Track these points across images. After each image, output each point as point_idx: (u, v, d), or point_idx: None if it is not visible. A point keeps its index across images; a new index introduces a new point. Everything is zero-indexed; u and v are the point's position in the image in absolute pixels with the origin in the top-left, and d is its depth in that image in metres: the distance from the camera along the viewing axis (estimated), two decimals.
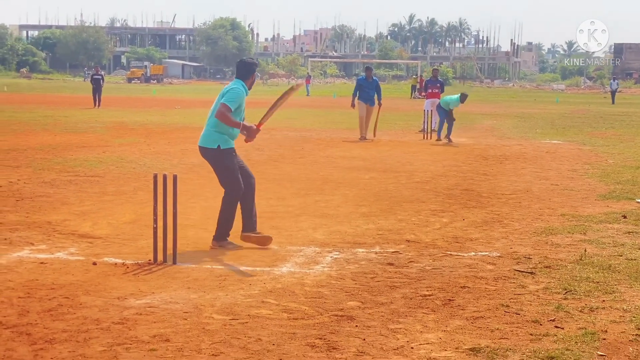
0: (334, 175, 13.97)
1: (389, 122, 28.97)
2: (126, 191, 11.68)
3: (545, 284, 6.83)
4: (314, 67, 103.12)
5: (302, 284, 6.75)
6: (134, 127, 23.98)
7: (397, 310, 6.03)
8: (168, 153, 16.86)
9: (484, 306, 6.16)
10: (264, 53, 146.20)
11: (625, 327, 5.69)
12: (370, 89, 22.29)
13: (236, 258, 7.70)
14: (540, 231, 9.21)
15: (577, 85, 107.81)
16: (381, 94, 22.48)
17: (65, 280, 6.72)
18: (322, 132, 24.34)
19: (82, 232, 8.67)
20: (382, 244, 8.48)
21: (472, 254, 8.02)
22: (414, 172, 14.58)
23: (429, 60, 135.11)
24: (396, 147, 19.70)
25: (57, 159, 15.28)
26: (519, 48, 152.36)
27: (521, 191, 12.42)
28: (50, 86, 73.11)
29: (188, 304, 6.08)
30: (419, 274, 7.17)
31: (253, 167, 14.58)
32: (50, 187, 11.79)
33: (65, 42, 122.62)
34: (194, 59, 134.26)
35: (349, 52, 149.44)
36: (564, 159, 17.43)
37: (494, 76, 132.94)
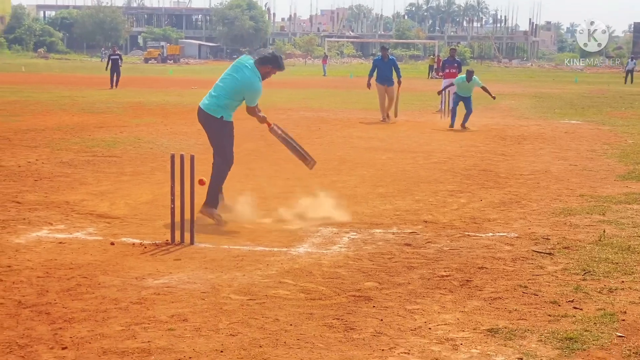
0: (351, 156, 13.95)
1: (406, 103, 28.85)
2: (143, 171, 11.71)
3: (563, 265, 6.80)
4: (330, 47, 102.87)
5: (320, 265, 6.75)
6: (151, 108, 24.02)
7: (415, 291, 6.02)
8: (185, 133, 16.88)
9: (502, 287, 6.14)
10: (280, 33, 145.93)
11: None
12: (387, 69, 22.01)
13: (253, 238, 7.71)
14: (558, 212, 9.17)
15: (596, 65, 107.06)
16: (400, 72, 22.13)
17: (84, 260, 6.74)
18: (339, 112, 24.30)
19: (100, 212, 8.70)
20: (399, 224, 8.47)
21: (490, 235, 8.00)
22: (431, 153, 14.54)
23: (447, 40, 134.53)
24: (413, 128, 19.65)
25: (74, 139, 15.33)
26: (537, 27, 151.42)
27: (539, 172, 12.37)
28: (68, 66, 73.28)
29: (205, 284, 6.09)
30: (436, 255, 7.16)
31: (270, 147, 14.70)
32: (69, 167, 11.83)
33: (82, 22, 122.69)
34: (210, 39, 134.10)
35: (365, 32, 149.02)
36: (583, 139, 17.34)
37: (512, 56, 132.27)
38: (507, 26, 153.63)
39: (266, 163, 12.85)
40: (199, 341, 4.88)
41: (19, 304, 5.53)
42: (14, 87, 34.04)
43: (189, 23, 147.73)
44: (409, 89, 38.41)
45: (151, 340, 4.87)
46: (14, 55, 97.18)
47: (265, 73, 8.77)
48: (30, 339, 4.87)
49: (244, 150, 14.35)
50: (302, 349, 4.79)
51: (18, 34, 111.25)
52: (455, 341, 4.96)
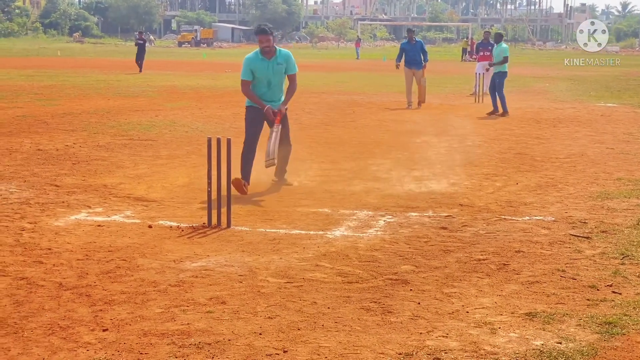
0: (385, 139, 13.93)
1: (440, 86, 28.75)
2: (179, 155, 11.77)
3: (601, 249, 6.76)
4: (363, 31, 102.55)
5: (356, 248, 6.76)
6: (185, 91, 24.11)
7: (452, 275, 6.01)
8: (219, 117, 16.94)
9: (540, 271, 6.12)
10: (313, 16, 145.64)
11: None
12: (415, 53, 21.34)
13: (289, 221, 7.73)
14: (595, 195, 9.11)
15: (631, 47, 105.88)
16: (427, 55, 21.51)
17: (122, 243, 6.81)
18: (372, 95, 24.26)
19: (137, 196, 8.77)
20: (434, 208, 8.45)
21: (527, 219, 7.96)
22: (466, 136, 14.47)
23: (480, 23, 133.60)
24: (447, 111, 19.57)
25: (111, 122, 15.45)
26: (572, 10, 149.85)
27: (576, 155, 12.28)
28: (102, 50, 73.75)
29: (243, 267, 6.12)
30: (472, 238, 7.14)
31: (304, 131, 14.77)
32: (105, 151, 11.93)
33: (116, 6, 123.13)
34: (243, 22, 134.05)
35: (398, 15, 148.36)
36: (619, 122, 17.18)
37: (546, 38, 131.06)
38: (541, 8, 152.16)
39: (300, 146, 12.78)
40: (238, 324, 4.91)
41: (60, 286, 5.60)
42: (50, 72, 34.32)
43: (222, 6, 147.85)
44: (442, 72, 38.28)
45: (190, 323, 4.91)
46: (49, 39, 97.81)
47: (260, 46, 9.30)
48: (71, 321, 4.93)
49: None
50: (340, 332, 4.81)
51: (53, 19, 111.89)
52: (493, 325, 4.95)
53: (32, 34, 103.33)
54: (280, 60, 9.29)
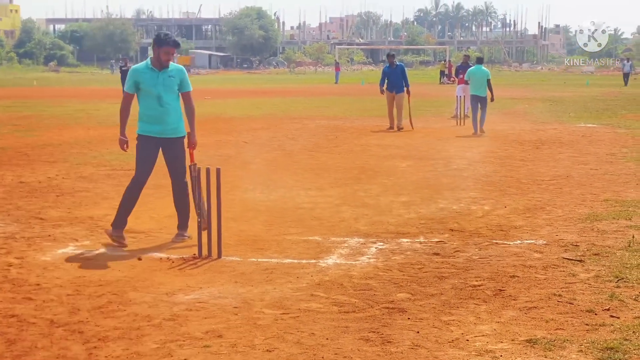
0: (370, 164, 13.90)
1: (420, 109, 28.78)
2: (165, 184, 11.54)
3: (595, 272, 6.73)
4: (340, 55, 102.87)
5: (350, 276, 6.70)
6: None
7: (448, 302, 5.96)
8: (202, 145, 16.69)
9: (536, 296, 6.08)
10: (290, 42, 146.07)
11: None
12: (395, 77, 21.62)
13: (280, 250, 7.67)
14: (584, 217, 9.10)
15: (606, 67, 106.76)
16: (407, 78, 21.65)
17: (113, 277, 6.71)
18: (354, 120, 24.27)
19: (125, 227, 8.64)
20: (425, 233, 8.42)
21: (518, 242, 7.94)
22: (450, 160, 14.47)
23: (456, 45, 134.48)
24: (430, 134, 19.58)
25: (93, 153, 15.33)
26: (546, 31, 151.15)
27: (561, 177, 12.30)
28: (79, 79, 73.49)
29: (237, 299, 6.05)
30: (466, 264, 7.10)
31: (288, 157, 14.73)
32: (89, 182, 11.82)
33: (92, 35, 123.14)
34: (220, 49, 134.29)
35: (375, 38, 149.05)
36: (601, 142, 17.25)
37: (522, 60, 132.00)
38: (516, 30, 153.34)
39: (285, 173, 12.82)
40: (236, 358, 4.84)
41: (52, 323, 5.50)
42: (28, 102, 34.12)
43: (199, 33, 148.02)
44: (421, 95, 38.36)
45: (188, 358, 4.83)
46: (24, 69, 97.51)
47: (157, 58, 8.12)
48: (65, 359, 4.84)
49: (263, 160, 14.39)
50: None
51: (28, 48, 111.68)
52: (495, 353, 4.90)
53: (7, 63, 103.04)
54: (172, 74, 8.15)
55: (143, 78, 8.12)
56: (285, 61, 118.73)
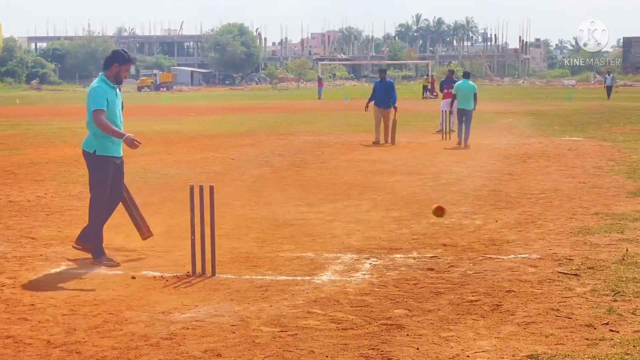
0: (358, 180, 13.89)
1: (406, 124, 28.88)
2: (154, 202, 11.60)
3: (591, 286, 6.73)
4: (323, 70, 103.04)
5: (346, 293, 6.68)
6: (152, 136, 23.87)
7: (446, 317, 5.95)
8: (190, 162, 16.81)
9: (534, 310, 6.07)
10: (272, 57, 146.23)
11: None
12: (383, 92, 21.93)
13: (274, 267, 7.63)
14: (576, 231, 9.11)
15: (587, 81, 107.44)
16: (395, 95, 22.04)
17: (107, 296, 6.66)
18: (340, 135, 24.27)
19: (117, 246, 8.62)
20: (418, 248, 8.41)
21: (512, 257, 7.94)
22: (438, 174, 14.48)
23: (438, 60, 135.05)
24: (416, 149, 19.60)
25: (80, 171, 15.19)
26: (527, 45, 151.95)
27: (550, 190, 12.32)
28: (61, 97, 73.24)
29: (234, 317, 6.01)
30: (461, 279, 7.09)
31: (276, 173, 14.72)
32: (78, 200, 11.74)
33: (74, 52, 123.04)
34: (202, 65, 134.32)
35: (357, 54, 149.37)
36: (587, 155, 17.31)
37: (504, 74, 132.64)
38: (497, 44, 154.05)
39: (274, 189, 12.79)
40: None
41: (48, 343, 5.45)
42: (12, 120, 33.98)
43: (181, 50, 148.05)
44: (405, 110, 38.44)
45: None
46: (6, 87, 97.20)
47: (115, 74, 8.11)
48: None
49: (251, 177, 14.37)
50: None
51: (10, 67, 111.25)
52: None
53: None
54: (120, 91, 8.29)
55: (110, 95, 8.08)
56: (268, 77, 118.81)
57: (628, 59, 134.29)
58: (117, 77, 8.13)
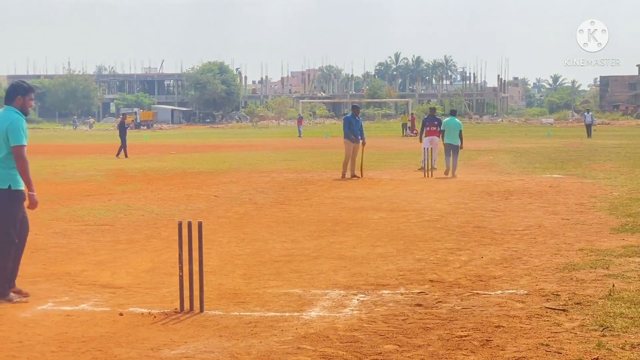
0: (343, 216, 13.91)
1: (387, 161, 29.07)
2: (139, 239, 11.59)
3: (580, 321, 6.76)
4: (303, 109, 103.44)
5: (335, 329, 6.68)
6: (134, 174, 23.91)
7: (436, 353, 5.95)
8: (173, 199, 16.78)
9: (524, 346, 6.09)
10: (252, 96, 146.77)
11: None
12: (357, 128, 22.87)
13: (262, 304, 7.62)
14: (562, 267, 9.16)
15: (565, 119, 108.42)
16: (363, 132, 23.21)
17: (95, 333, 6.63)
18: (322, 173, 24.32)
19: (103, 282, 8.59)
20: (405, 284, 8.42)
21: (499, 292, 7.96)
22: (422, 211, 14.53)
23: (417, 98, 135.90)
24: (399, 186, 19.67)
25: (63, 208, 15.19)
26: (505, 83, 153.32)
27: (533, 226, 12.38)
28: (41, 135, 73.05)
29: (224, 353, 5.99)
30: (450, 315, 7.10)
31: (260, 210, 14.71)
32: (63, 237, 11.70)
33: (54, 91, 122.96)
34: (182, 103, 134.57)
35: (337, 92, 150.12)
36: (569, 192, 17.42)
37: (483, 112, 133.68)
38: (476, 83, 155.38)
39: (258, 226, 12.79)
40: None
41: None
42: None
43: (161, 88, 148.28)
44: (386, 147, 38.66)
45: None
46: None
47: (21, 106, 7.91)
48: None
49: (235, 214, 14.36)
50: None
51: None
52: None
53: None
54: None
55: (25, 127, 7.91)
56: (248, 115, 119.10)
57: (605, 98, 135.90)
58: (24, 109, 7.96)
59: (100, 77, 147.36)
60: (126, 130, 36.33)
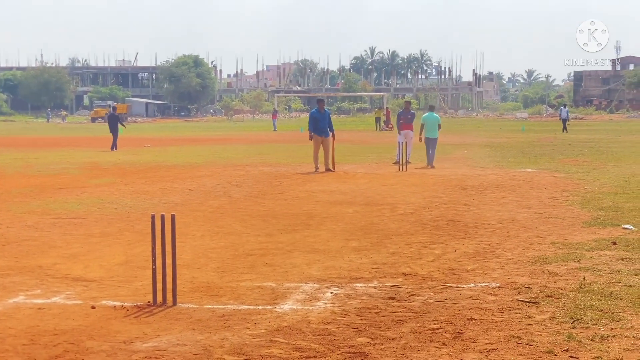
0: (317, 210, 13.92)
1: (362, 155, 29.12)
2: (112, 232, 11.55)
3: (551, 314, 6.82)
4: (278, 102, 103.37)
5: (308, 322, 6.69)
6: (108, 167, 23.79)
7: (409, 345, 5.98)
8: (147, 192, 16.72)
9: (495, 338, 6.13)
10: (227, 89, 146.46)
11: (639, 355, 5.68)
12: (324, 122, 23.17)
13: (236, 297, 7.62)
14: (534, 260, 9.22)
15: (539, 114, 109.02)
16: (332, 124, 23.46)
17: (67, 326, 6.60)
18: (296, 166, 24.31)
19: (75, 276, 8.55)
20: (379, 278, 8.45)
21: (472, 285, 8.01)
22: (396, 205, 14.56)
23: (393, 92, 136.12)
24: (373, 180, 19.70)
25: (36, 201, 15.10)
26: (480, 78, 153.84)
27: (507, 220, 12.45)
28: (13, 128, 72.62)
29: (196, 346, 5.99)
30: (422, 307, 7.14)
31: (235, 204, 14.69)
32: (35, 231, 11.63)
33: (26, 83, 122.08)
34: (157, 97, 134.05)
35: (312, 86, 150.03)
36: (542, 187, 17.52)
37: (458, 106, 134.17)
38: (451, 77, 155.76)
39: (233, 220, 12.77)
40: None
41: None
42: None
43: (135, 81, 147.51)
44: (360, 142, 38.71)
45: None
46: None
47: None
48: None
49: (209, 207, 14.33)
50: None
51: None
52: None
53: None
54: None
55: None
56: (223, 109, 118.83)
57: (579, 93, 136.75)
58: None
59: (73, 69, 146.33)
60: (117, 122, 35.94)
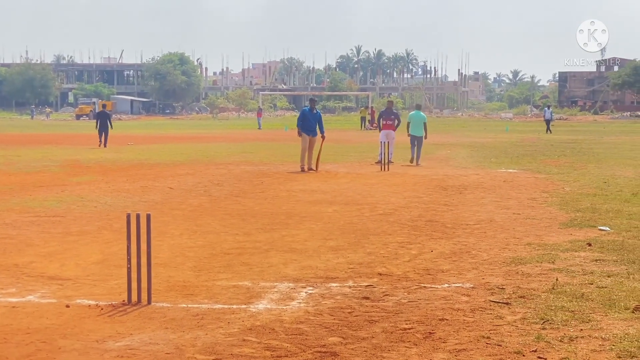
0: (296, 209, 13.96)
1: (344, 154, 29.15)
2: (90, 231, 11.54)
3: (522, 314, 6.88)
4: (264, 101, 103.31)
5: (281, 321, 6.73)
6: (89, 165, 23.74)
7: (380, 345, 6.03)
8: (127, 191, 16.71)
9: (465, 338, 6.18)
10: (213, 87, 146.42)
11: (606, 355, 5.74)
12: (314, 121, 23.25)
13: (211, 296, 7.65)
14: (509, 261, 9.28)
15: (524, 114, 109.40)
16: (323, 125, 23.46)
17: (40, 324, 6.61)
18: (279, 165, 24.33)
19: (51, 274, 8.55)
20: (354, 277, 8.49)
21: (446, 286, 8.06)
22: (376, 205, 14.61)
23: (378, 92, 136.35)
24: (355, 180, 19.75)
25: (15, 199, 15.07)
26: (466, 78, 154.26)
27: (485, 221, 12.52)
28: None
29: (169, 345, 6.02)
30: (395, 308, 7.18)
31: (214, 203, 14.71)
32: (13, 229, 11.62)
33: (11, 79, 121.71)
34: (142, 94, 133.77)
35: (298, 84, 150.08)
36: (522, 187, 17.62)
37: (443, 106, 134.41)
38: (437, 77, 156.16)
39: (212, 218, 12.79)
40: None
41: None
42: None
43: (121, 79, 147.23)
44: (344, 141, 38.75)
45: None
46: None
47: None
48: None
49: (189, 206, 14.34)
50: None
51: None
52: None
53: None
54: None
55: None
56: (208, 107, 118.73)
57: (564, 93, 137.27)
58: None
59: (58, 66, 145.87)
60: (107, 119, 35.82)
